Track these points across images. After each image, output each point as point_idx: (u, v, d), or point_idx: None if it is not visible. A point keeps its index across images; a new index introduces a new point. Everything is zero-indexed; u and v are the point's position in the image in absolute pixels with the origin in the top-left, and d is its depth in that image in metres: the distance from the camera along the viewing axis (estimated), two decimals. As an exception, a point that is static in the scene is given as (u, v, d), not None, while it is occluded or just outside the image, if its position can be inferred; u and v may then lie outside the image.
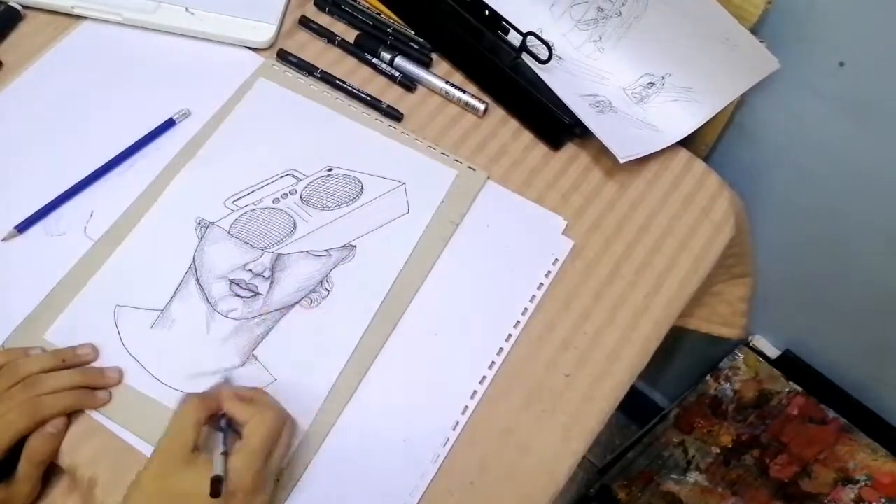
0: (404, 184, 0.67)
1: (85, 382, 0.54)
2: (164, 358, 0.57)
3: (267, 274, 0.61)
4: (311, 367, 0.58)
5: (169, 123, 0.67)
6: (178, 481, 0.47)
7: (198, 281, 0.60)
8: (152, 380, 0.56)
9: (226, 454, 0.48)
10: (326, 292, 0.61)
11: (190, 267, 0.61)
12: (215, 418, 0.51)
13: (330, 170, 0.67)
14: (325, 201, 0.65)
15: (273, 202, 0.64)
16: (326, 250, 0.63)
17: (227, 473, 0.46)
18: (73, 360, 0.55)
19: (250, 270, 0.61)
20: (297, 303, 0.60)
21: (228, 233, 0.62)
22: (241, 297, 0.60)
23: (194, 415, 0.49)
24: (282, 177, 0.66)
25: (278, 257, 0.62)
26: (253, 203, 0.64)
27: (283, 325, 0.59)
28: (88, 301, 0.59)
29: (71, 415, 0.54)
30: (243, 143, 0.67)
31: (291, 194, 0.65)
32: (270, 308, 0.60)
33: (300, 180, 0.66)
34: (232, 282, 0.60)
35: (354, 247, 0.63)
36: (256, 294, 0.60)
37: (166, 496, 0.47)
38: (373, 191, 0.66)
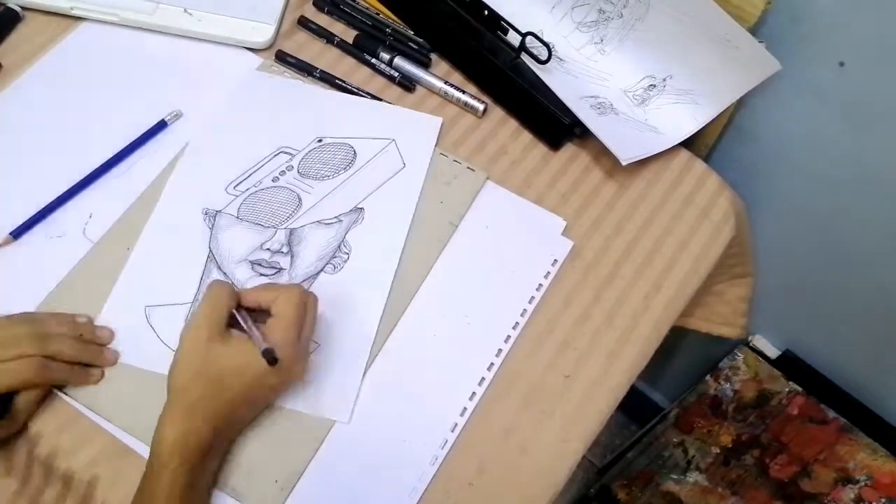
0: (394, 140, 0.68)
1: (84, 358, 0.55)
2: None
3: (285, 250, 0.62)
4: (349, 326, 0.60)
5: (161, 125, 0.67)
6: (217, 356, 0.50)
7: (220, 268, 0.61)
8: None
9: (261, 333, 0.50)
10: (346, 256, 0.63)
11: (208, 256, 0.62)
12: (232, 317, 0.52)
13: (320, 140, 0.68)
14: (322, 171, 0.66)
15: (273, 181, 0.66)
16: (336, 217, 0.64)
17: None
18: (89, 338, 0.56)
19: (268, 249, 0.62)
20: (322, 271, 0.62)
21: (237, 217, 0.63)
22: (266, 275, 0.61)
23: (226, 299, 0.52)
24: (275, 155, 0.67)
25: (292, 232, 0.63)
26: (253, 185, 0.65)
27: (314, 293, 0.60)
28: (116, 308, 0.59)
29: (70, 414, 0.55)
30: (231, 129, 0.68)
31: (288, 170, 0.66)
32: (296, 280, 0.61)
33: (293, 156, 0.67)
34: (253, 263, 0.61)
35: (362, 209, 0.65)
36: (280, 270, 0.61)
37: (212, 364, 0.49)
38: (366, 153, 0.68)
